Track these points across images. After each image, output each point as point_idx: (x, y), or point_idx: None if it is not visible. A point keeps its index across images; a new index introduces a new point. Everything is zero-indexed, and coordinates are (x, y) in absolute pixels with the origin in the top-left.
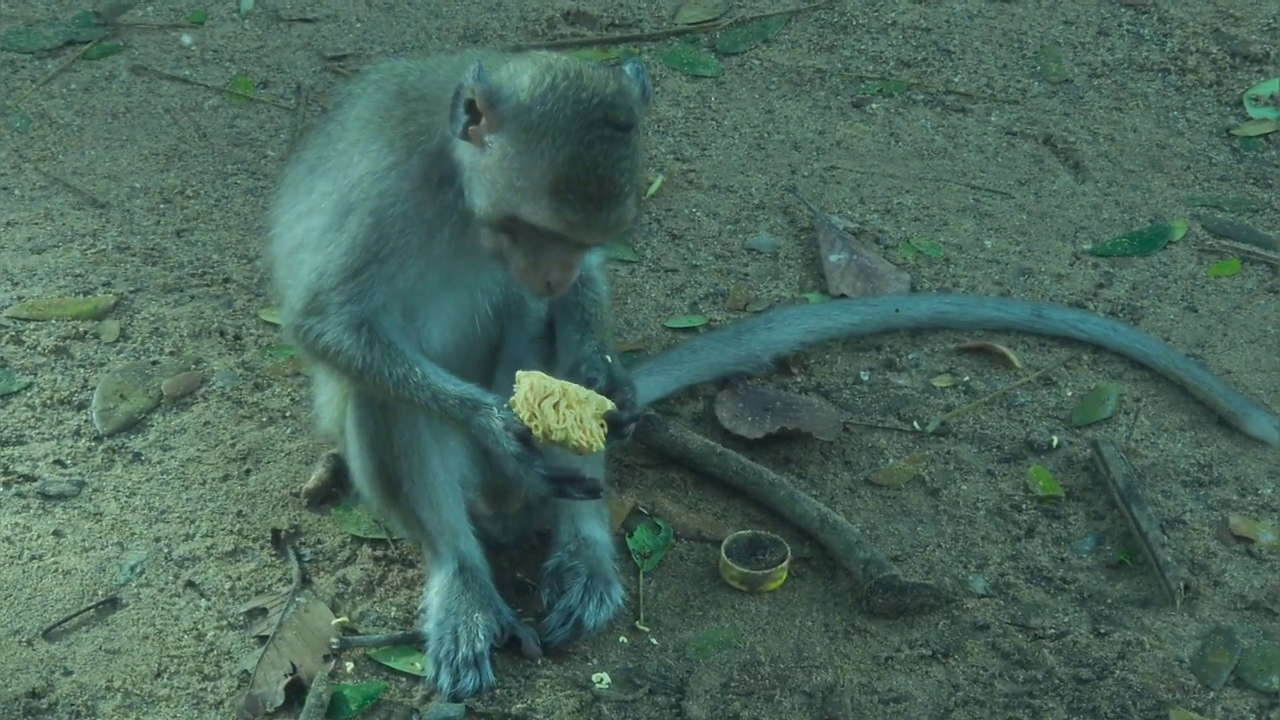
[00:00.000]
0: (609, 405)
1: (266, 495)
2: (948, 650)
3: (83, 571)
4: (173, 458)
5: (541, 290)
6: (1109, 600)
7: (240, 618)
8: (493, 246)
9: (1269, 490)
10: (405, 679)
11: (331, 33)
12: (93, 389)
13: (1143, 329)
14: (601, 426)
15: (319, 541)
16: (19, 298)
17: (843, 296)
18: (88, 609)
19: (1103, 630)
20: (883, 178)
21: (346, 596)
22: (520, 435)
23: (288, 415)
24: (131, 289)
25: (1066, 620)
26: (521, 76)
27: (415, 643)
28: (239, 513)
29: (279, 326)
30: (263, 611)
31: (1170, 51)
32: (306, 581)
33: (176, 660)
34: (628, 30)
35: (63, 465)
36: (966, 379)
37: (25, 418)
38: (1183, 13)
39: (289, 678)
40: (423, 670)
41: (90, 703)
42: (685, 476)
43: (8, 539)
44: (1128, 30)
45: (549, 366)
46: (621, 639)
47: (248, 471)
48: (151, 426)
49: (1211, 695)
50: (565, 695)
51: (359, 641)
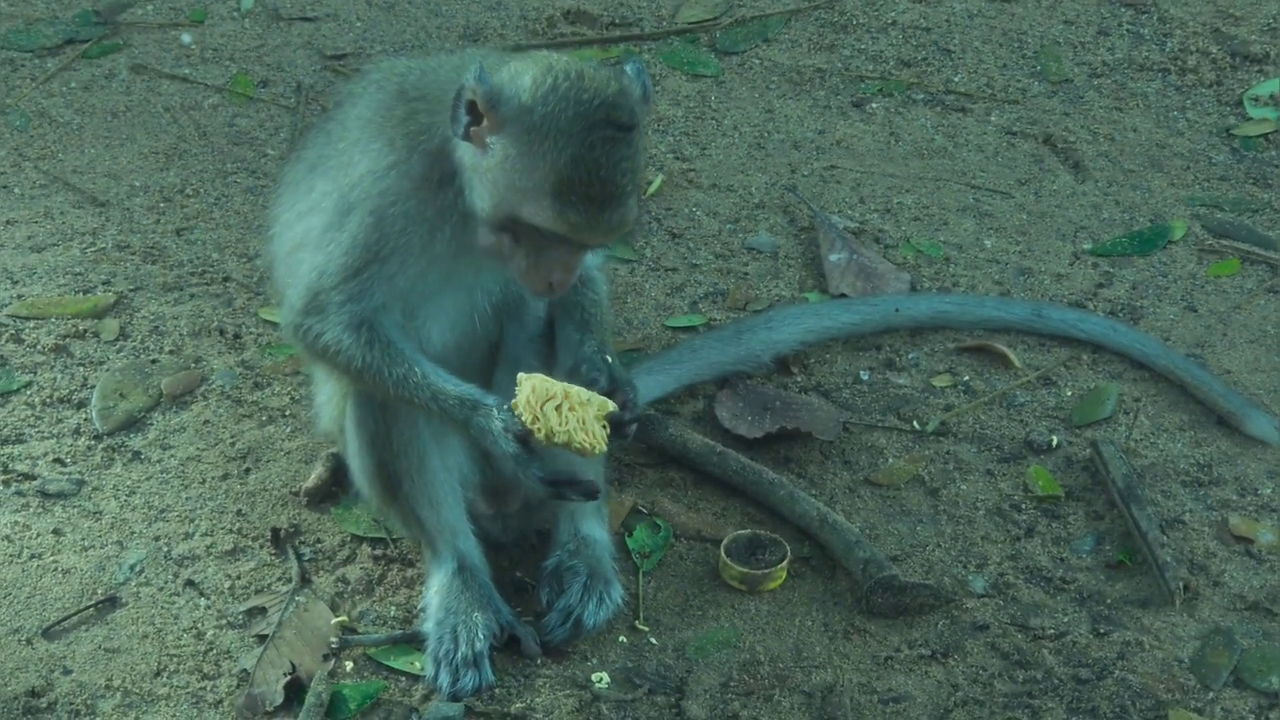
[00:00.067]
0: (611, 406)
1: (266, 494)
2: (947, 650)
3: (82, 570)
4: (172, 456)
5: (542, 290)
6: (1108, 600)
7: (240, 617)
8: (493, 246)
9: (1268, 490)
10: (405, 678)
11: (332, 31)
12: (92, 387)
13: (1142, 329)
14: (604, 428)
15: (318, 540)
16: (19, 296)
17: (843, 296)
18: (87, 608)
19: (1102, 630)
20: (883, 177)
21: (346, 596)
22: (519, 437)
23: (287, 414)
24: (131, 287)
25: (1066, 620)
26: (523, 77)
27: (415, 642)
28: (239, 512)
29: (279, 325)
30: (262, 610)
31: (1170, 51)
32: (306, 581)
33: (176, 659)
34: (628, 29)
35: (62, 464)
36: (966, 379)
37: (25, 416)
38: (1183, 13)
39: (288, 677)
40: (422, 669)
41: (90, 702)
42: (685, 476)
43: (7, 538)
44: (1128, 30)
45: (549, 366)
46: (621, 638)
47: (247, 470)
48: (151, 425)
49: (1211, 695)
50: (565, 695)
51: (358, 641)
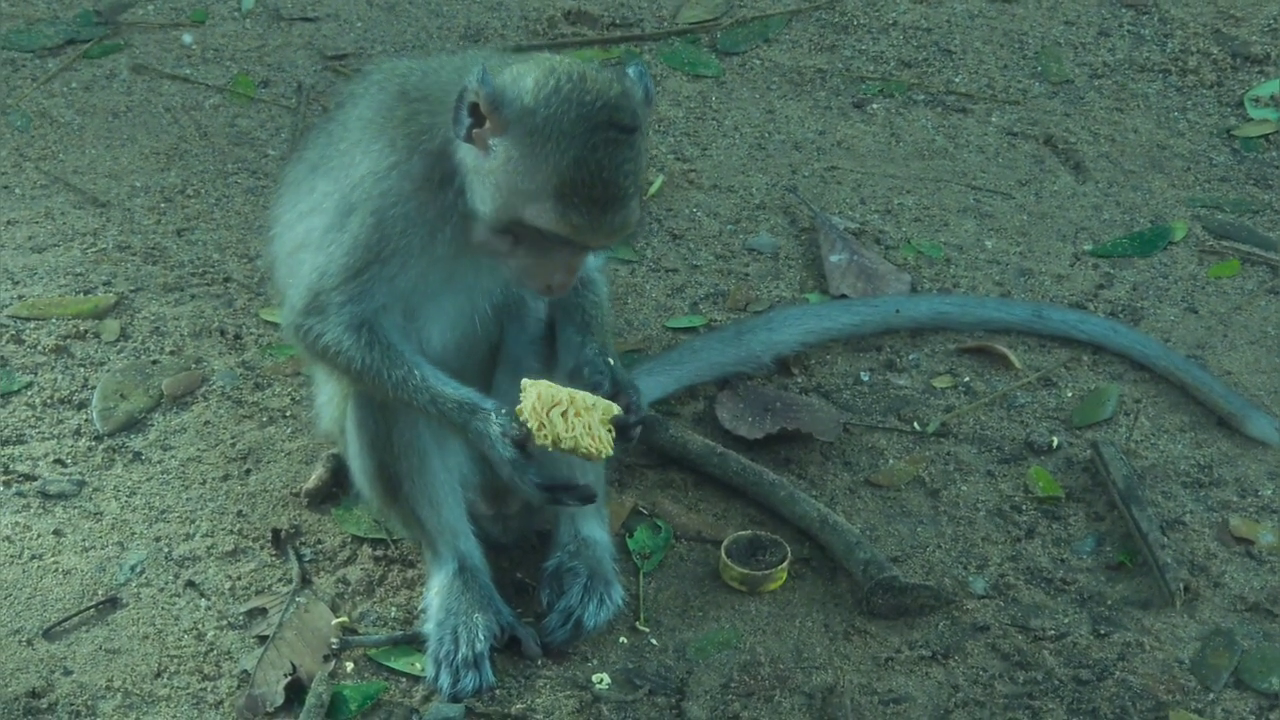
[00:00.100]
0: (615, 410)
1: (266, 495)
2: (947, 651)
3: (83, 571)
4: (173, 457)
5: (543, 291)
6: (1109, 601)
7: (240, 617)
8: (495, 248)
9: (1269, 491)
10: (405, 679)
11: (332, 32)
12: (93, 388)
13: (1143, 330)
14: (609, 432)
15: (319, 541)
16: (19, 297)
17: (843, 297)
18: (88, 609)
19: (1103, 631)
20: (883, 178)
21: (346, 596)
22: (517, 441)
23: (288, 415)
24: (132, 288)
25: (1066, 621)
26: (526, 80)
27: (415, 643)
28: (239, 512)
29: (279, 326)
30: (263, 611)
31: (1171, 52)
32: (306, 581)
33: (176, 660)
34: (628, 30)
35: (63, 464)
36: (967, 380)
37: (25, 417)
38: (1183, 13)
39: (289, 678)
40: (423, 670)
41: (90, 702)
42: (685, 477)
43: (8, 538)
44: (1128, 31)
45: (549, 367)
46: (621, 639)
47: (248, 471)
48: (152, 426)
49: (1211, 696)
50: (565, 696)
51: (359, 641)
